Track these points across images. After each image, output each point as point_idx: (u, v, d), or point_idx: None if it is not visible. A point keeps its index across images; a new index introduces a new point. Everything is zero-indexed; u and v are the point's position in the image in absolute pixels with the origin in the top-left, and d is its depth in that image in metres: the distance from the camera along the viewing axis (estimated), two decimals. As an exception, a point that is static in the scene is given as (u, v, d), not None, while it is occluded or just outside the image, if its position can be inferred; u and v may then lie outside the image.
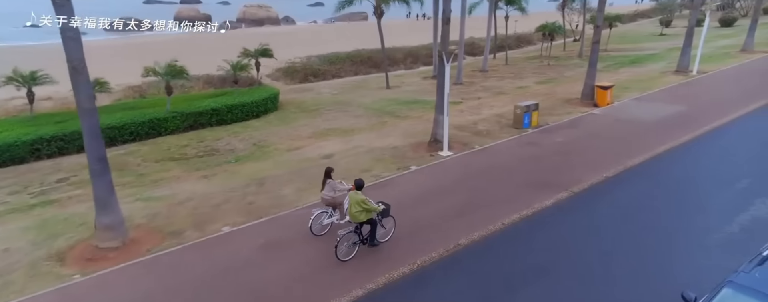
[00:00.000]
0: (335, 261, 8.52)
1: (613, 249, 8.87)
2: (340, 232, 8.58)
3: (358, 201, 8.43)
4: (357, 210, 8.43)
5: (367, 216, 8.54)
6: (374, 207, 8.55)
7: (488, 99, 22.15)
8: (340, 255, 8.54)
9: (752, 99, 18.59)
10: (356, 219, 8.52)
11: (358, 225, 8.64)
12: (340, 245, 8.53)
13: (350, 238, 8.62)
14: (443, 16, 14.43)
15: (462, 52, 27.68)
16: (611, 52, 37.18)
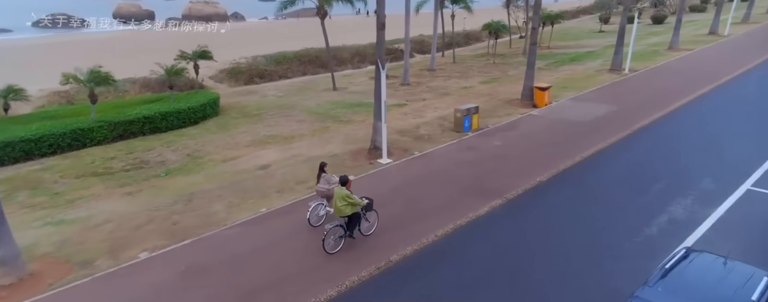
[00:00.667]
0: (255, 289, 8.14)
1: (537, 260, 9.00)
2: (326, 226, 8.99)
3: (342, 196, 8.86)
4: (342, 205, 8.88)
5: (352, 210, 8.98)
6: (358, 201, 9.01)
7: (433, 100, 22.22)
8: (328, 249, 8.98)
9: (675, 97, 19.64)
10: (342, 213, 8.94)
11: (346, 219, 9.04)
12: (327, 238, 8.95)
13: (336, 232, 9.05)
14: (378, 21, 14.17)
15: (408, 52, 27.67)
16: (554, 49, 38.43)
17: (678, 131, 16.00)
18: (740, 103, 19.10)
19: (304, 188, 12.38)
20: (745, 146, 14.23)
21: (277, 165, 14.27)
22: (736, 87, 21.57)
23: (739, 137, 15.10)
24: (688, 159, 13.47)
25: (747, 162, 12.90)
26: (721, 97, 20.05)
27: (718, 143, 14.68)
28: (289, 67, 34.95)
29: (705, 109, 18.42)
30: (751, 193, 11.15)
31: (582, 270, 8.56)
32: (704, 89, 20.77)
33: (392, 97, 23.47)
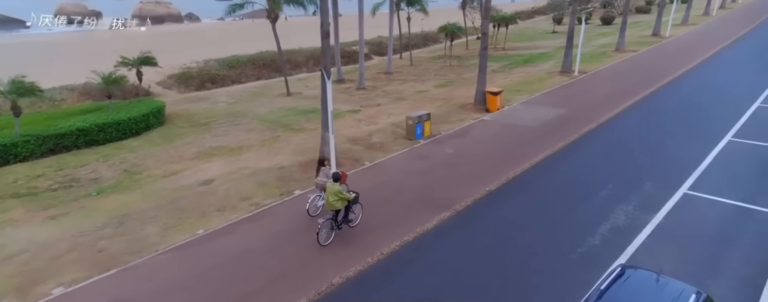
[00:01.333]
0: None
1: (481, 278, 8.85)
2: (319, 220, 9.77)
3: (334, 192, 9.62)
4: (334, 200, 9.66)
5: (342, 204, 9.82)
6: (348, 196, 9.81)
7: (388, 105, 21.96)
8: (321, 241, 9.71)
9: (620, 99, 20.23)
10: (333, 207, 9.74)
11: (335, 213, 9.86)
12: (321, 231, 9.69)
13: (328, 225, 9.84)
14: (322, 29, 13.72)
15: (362, 56, 27.29)
16: (509, 51, 39.09)
17: (622, 134, 16.41)
18: (679, 104, 19.86)
19: (247, 205, 11.79)
20: (682, 148, 14.73)
21: (220, 180, 13.57)
22: (675, 88, 22.47)
23: (677, 139, 15.62)
24: (630, 163, 13.78)
25: (684, 165, 13.32)
26: (662, 98, 20.81)
27: (658, 146, 15.13)
28: (243, 71, 33.88)
29: (647, 111, 19.04)
30: (688, 197, 11.48)
31: (526, 287, 8.47)
32: (647, 90, 21.52)
33: (347, 103, 23.09)
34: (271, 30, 25.17)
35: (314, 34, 34.61)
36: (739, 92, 20.92)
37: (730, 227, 10.12)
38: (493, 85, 25.04)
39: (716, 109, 18.66)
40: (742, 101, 19.42)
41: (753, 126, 16.49)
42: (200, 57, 36.54)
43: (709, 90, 21.79)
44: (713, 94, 20.95)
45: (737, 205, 11.00)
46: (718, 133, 15.85)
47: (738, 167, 13.11)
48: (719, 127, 16.46)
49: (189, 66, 33.32)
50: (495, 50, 39.96)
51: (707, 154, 14.07)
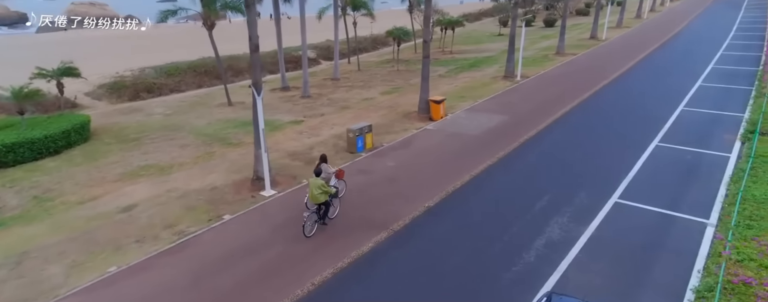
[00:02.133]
0: None
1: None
2: (304, 214, 10.51)
3: (318, 185, 10.34)
4: (318, 193, 10.33)
5: (324, 198, 10.47)
6: (330, 189, 10.64)
7: (332, 115, 21.41)
8: (306, 233, 10.48)
9: (559, 105, 20.74)
10: (317, 200, 10.43)
11: (318, 206, 10.61)
12: (306, 224, 10.46)
13: (312, 218, 10.63)
14: (250, 42, 13.02)
15: (306, 63, 26.52)
16: (456, 54, 39.51)
17: (559, 141, 16.74)
18: (612, 108, 20.61)
19: (170, 234, 10.93)
20: (614, 154, 15.19)
21: (145, 205, 12.56)
22: (609, 92, 23.35)
23: (610, 144, 16.13)
24: (566, 172, 14.02)
25: (615, 172, 13.70)
26: (598, 102, 21.53)
27: (593, 152, 15.54)
28: (183, 79, 32.20)
29: (583, 116, 19.60)
30: (618, 207, 11.75)
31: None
32: (585, 95, 22.20)
33: (290, 113, 22.35)
34: (218, 33, 24.01)
35: (263, 37, 33.55)
36: (666, 95, 21.99)
37: (654, 236, 10.40)
38: (439, 90, 25.11)
39: (646, 113, 19.47)
40: (668, 104, 20.40)
41: (677, 130, 17.29)
42: (137, 63, 34.44)
43: (640, 93, 22.79)
44: (643, 98, 21.91)
45: (662, 213, 11.35)
46: (646, 138, 16.48)
47: (663, 173, 13.62)
48: (648, 131, 17.14)
49: (123, 74, 31.28)
50: (442, 54, 40.31)
51: (636, 160, 14.55)
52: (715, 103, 20.37)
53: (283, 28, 29.28)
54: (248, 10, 12.75)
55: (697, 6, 64.90)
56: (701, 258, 9.33)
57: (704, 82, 23.94)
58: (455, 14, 73.35)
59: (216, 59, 25.17)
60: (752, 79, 23.49)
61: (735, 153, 14.81)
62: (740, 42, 35.02)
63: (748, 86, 22.52)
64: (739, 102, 20.24)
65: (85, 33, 70.16)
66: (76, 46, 53.59)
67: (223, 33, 24.22)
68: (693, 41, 36.75)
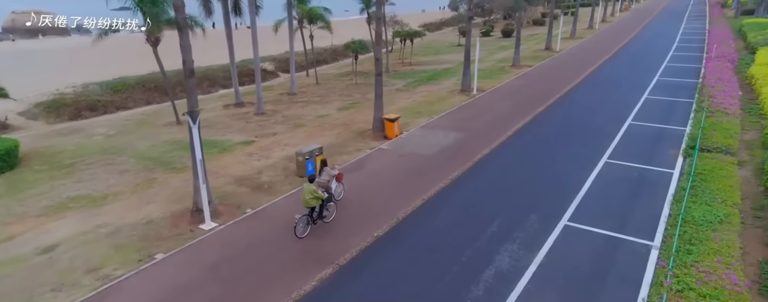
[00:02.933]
0: None
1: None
2: (296, 216, 11.24)
3: (310, 191, 11.06)
4: (310, 197, 11.08)
5: (317, 202, 11.28)
6: (321, 195, 11.33)
7: (285, 134, 20.74)
8: (298, 233, 11.23)
9: (513, 120, 20.88)
10: (308, 204, 11.17)
11: (311, 210, 11.32)
12: (298, 225, 11.17)
13: (303, 220, 11.35)
14: (185, 66, 12.30)
15: (259, 78, 25.67)
16: (415, 66, 39.59)
17: (512, 159, 16.74)
18: (564, 123, 20.91)
19: (93, 280, 10.01)
20: (565, 172, 15.28)
21: (68, 245, 11.54)
22: (562, 106, 23.77)
23: (561, 162, 16.24)
24: (518, 193, 13.94)
25: (566, 192, 13.73)
26: (551, 117, 21.82)
27: (544, 171, 15.58)
28: (130, 95, 30.69)
29: (536, 132, 19.76)
30: (568, 230, 11.70)
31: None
32: (538, 109, 22.47)
33: (241, 132, 21.52)
34: (169, 45, 22.86)
35: (210, 51, 32.38)
36: (615, 108, 22.56)
37: (602, 261, 10.35)
38: (396, 106, 24.88)
39: (596, 127, 19.86)
40: (617, 118, 20.89)
41: (625, 145, 17.65)
42: (82, 78, 32.64)
43: (591, 107, 23.29)
44: (594, 112, 22.38)
45: (609, 235, 11.37)
46: (596, 153, 16.72)
47: (611, 192, 13.75)
48: (598, 146, 17.41)
49: (63, 91, 29.47)
50: (402, 65, 40.31)
51: (587, 178, 14.67)
52: (660, 116, 21.03)
53: (241, 38, 28.24)
54: (181, 33, 12.02)
55: (645, 16, 68.08)
56: (646, 286, 9.31)
57: (650, 95, 24.76)
58: (416, 24, 74.19)
59: (162, 75, 23.98)
60: (693, 92, 24.48)
61: (678, 169, 15.19)
62: (683, 53, 36.71)
63: (689, 98, 23.43)
64: (681, 115, 20.98)
65: (27, 45, 66.32)
66: (17, 59, 50.44)
67: (177, 43, 23.11)
68: (640, 52, 38.24)
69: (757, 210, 12.30)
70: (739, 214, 11.42)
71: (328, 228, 11.89)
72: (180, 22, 11.84)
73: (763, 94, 21.59)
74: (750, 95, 23.55)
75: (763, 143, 16.49)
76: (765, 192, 13.16)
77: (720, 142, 15.70)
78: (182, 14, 11.95)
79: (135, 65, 35.38)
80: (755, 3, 58.23)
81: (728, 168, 13.70)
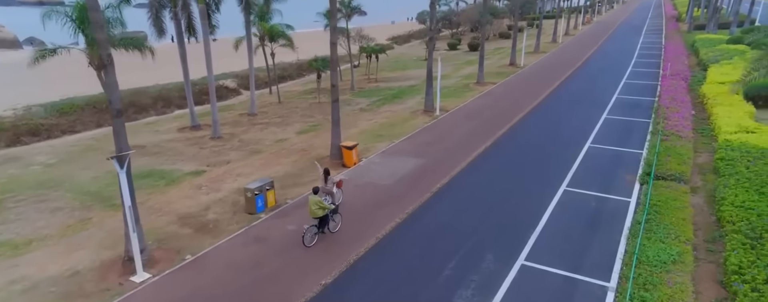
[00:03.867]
0: None
1: None
2: (304, 226, 12.03)
3: (315, 202, 11.79)
4: (316, 208, 11.80)
5: (322, 213, 11.90)
6: (327, 206, 12.00)
7: (239, 163, 19.79)
8: (306, 243, 11.98)
9: (474, 145, 20.60)
10: (315, 215, 11.88)
11: (318, 220, 12.00)
12: (306, 235, 11.91)
13: (311, 230, 12.06)
14: (112, 107, 11.38)
15: (214, 101, 24.55)
16: (381, 83, 39.20)
17: (471, 189, 16.34)
18: (524, 147, 20.75)
19: (-1, 352, 8.89)
20: (523, 204, 14.99)
21: (-22, 307, 10.33)
22: (523, 127, 23.70)
23: (520, 192, 15.95)
24: (475, 229, 13.48)
25: (524, 227, 13.39)
26: (512, 140, 21.65)
27: (503, 202, 15.25)
28: (79, 117, 28.99)
29: (496, 157, 19.50)
30: (525, 270, 11.31)
31: None
32: (499, 132, 22.29)
33: (193, 160, 20.45)
34: (126, 60, 21.59)
35: (165, 68, 30.95)
36: (575, 129, 22.64)
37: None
38: (358, 128, 24.30)
39: (556, 150, 19.79)
40: (577, 140, 20.92)
41: (584, 170, 17.58)
42: (26, 99, 30.70)
43: (551, 128, 23.30)
44: (555, 133, 22.38)
45: (566, 276, 11.03)
46: (555, 181, 16.55)
47: (568, 225, 13.49)
48: (557, 172, 17.27)
49: (1, 114, 27.56)
50: (368, 82, 39.86)
51: (544, 211, 14.39)
52: (619, 138, 21.19)
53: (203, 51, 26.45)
54: (105, 71, 11.11)
55: (606, 29, 70.16)
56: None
57: (609, 114, 25.05)
58: (384, 37, 74.33)
59: (112, 99, 22.56)
60: (650, 111, 24.91)
61: (634, 197, 15.13)
62: (641, 69, 37.67)
63: (646, 118, 23.79)
64: (639, 136, 21.21)
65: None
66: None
67: (129, 60, 21.72)
68: (600, 68, 39.00)
69: (710, 243, 12.24)
70: (692, 251, 11.30)
71: (271, 277, 11.09)
72: (104, 59, 10.93)
73: (714, 114, 22.12)
74: (702, 114, 24.14)
75: (714, 168, 16.69)
76: (717, 222, 13.17)
77: (674, 168, 15.77)
78: (106, 50, 11.09)
79: (89, 82, 33.56)
80: (706, 18, 60.89)
81: (681, 199, 13.68)
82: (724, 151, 16.95)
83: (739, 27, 54.33)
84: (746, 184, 14.17)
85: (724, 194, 13.72)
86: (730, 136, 18.53)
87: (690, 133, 19.57)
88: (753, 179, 14.48)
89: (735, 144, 17.55)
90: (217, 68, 43.91)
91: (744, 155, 16.47)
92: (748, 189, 13.80)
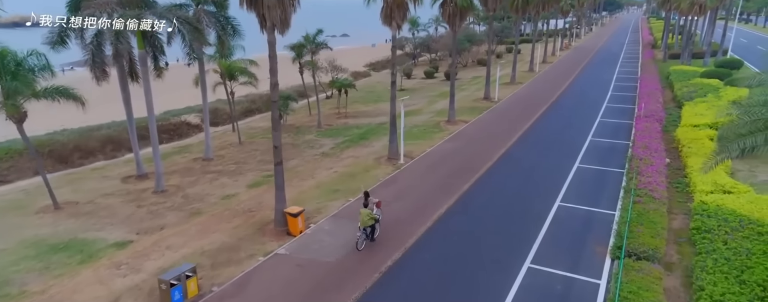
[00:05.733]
0: None
1: None
2: (357, 234, 15.33)
3: (366, 214, 15.19)
4: (367, 219, 15.15)
5: (372, 222, 15.29)
6: (376, 216, 15.48)
7: (173, 229, 17.79)
8: (359, 247, 15.13)
9: (437, 203, 18.99)
10: (366, 224, 15.19)
11: (366, 229, 15.30)
12: (359, 241, 15.15)
13: (362, 237, 15.29)
14: None
15: (156, 145, 21.98)
16: (350, 118, 37.69)
17: (425, 268, 14.62)
18: (490, 207, 19.21)
19: None
20: (481, 290, 13.33)
21: None
22: (491, 180, 22.19)
23: (478, 274, 14.30)
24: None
25: None
26: (476, 197, 20.08)
27: (458, 287, 13.57)
28: (15, 164, 26.75)
29: (457, 221, 17.75)
30: None
31: None
32: (464, 187, 20.69)
33: (124, 224, 18.40)
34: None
35: (114, 104, 28.59)
36: (545, 183, 21.25)
37: None
38: (315, 179, 22.55)
39: (522, 213, 18.26)
40: (546, 197, 19.49)
41: (551, 239, 16.08)
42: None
43: (520, 182, 21.80)
44: (522, 189, 20.87)
45: None
46: (519, 255, 14.99)
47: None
48: (522, 244, 15.72)
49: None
50: (337, 117, 38.31)
51: (504, 298, 12.75)
52: (590, 194, 19.83)
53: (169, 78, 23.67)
54: None
55: (584, 56, 70.14)
56: None
57: (582, 163, 23.77)
58: (363, 61, 73.11)
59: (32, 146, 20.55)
60: (624, 158, 23.72)
61: (604, 279, 13.61)
62: (616, 105, 36.88)
63: (620, 168, 22.56)
64: (612, 191, 19.90)
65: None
66: None
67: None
68: (575, 104, 37.97)
69: (688, 350, 10.69)
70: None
71: None
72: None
73: (689, 166, 20.97)
74: (677, 162, 23.03)
75: (690, 239, 15.32)
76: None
77: (647, 242, 14.30)
78: None
79: (39, 121, 31.20)
80: (681, 46, 61.22)
81: (654, 288, 12.16)
82: (700, 219, 15.61)
83: (712, 56, 54.65)
84: (725, 267, 12.76)
85: (701, 282, 12.26)
86: (706, 196, 17.27)
87: (664, 193, 18.26)
88: (732, 260, 13.09)
89: (711, 208, 16.25)
90: (182, 101, 42.18)
91: (721, 224, 15.14)
92: (727, 276, 12.38)
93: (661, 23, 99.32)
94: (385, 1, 22.85)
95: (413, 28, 69.82)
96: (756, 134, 11.81)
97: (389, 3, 22.66)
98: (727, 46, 57.28)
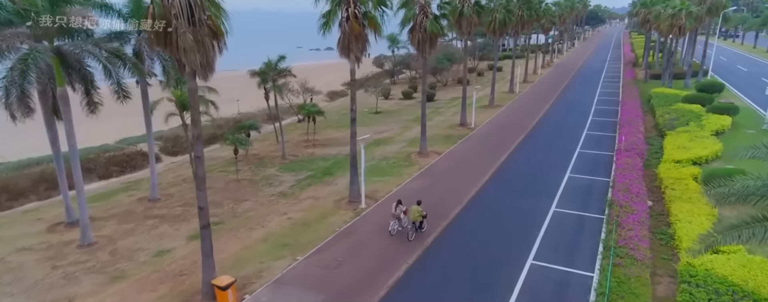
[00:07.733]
0: None
1: None
2: (408, 226, 18.64)
3: (417, 211, 18.15)
4: (417, 215, 18.11)
5: (420, 218, 18.25)
6: (423, 213, 18.31)
7: (91, 298, 15.30)
8: (409, 238, 18.15)
9: (397, 261, 16.86)
10: (416, 219, 18.17)
11: (414, 223, 18.31)
12: (409, 233, 18.31)
13: (412, 228, 18.39)
14: None
15: (81, 187, 19.54)
16: (318, 147, 35.49)
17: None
18: (453, 266, 17.14)
19: None
20: None
21: None
22: (458, 230, 20.12)
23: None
24: None
25: None
26: (440, 254, 17.91)
27: None
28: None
29: (417, 288, 15.70)
30: None
31: None
32: (427, 240, 18.57)
33: (31, 293, 15.82)
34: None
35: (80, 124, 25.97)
36: (516, 234, 19.28)
37: None
38: (265, 229, 20.26)
39: (488, 274, 16.21)
40: (517, 253, 17.49)
41: None
42: None
43: (490, 231, 19.79)
44: (492, 241, 18.83)
45: None
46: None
47: None
48: None
49: None
50: (305, 145, 36.08)
51: None
52: (567, 248, 17.89)
53: (129, 101, 20.66)
54: None
55: (565, 74, 69.08)
56: None
57: (559, 206, 21.87)
58: (341, 80, 71.18)
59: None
60: (603, 201, 21.91)
61: (579, 375, 11.53)
62: (597, 133, 35.36)
63: (599, 214, 20.71)
64: (590, 247, 17.95)
65: None
66: None
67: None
68: (555, 133, 36.09)
69: None
70: None
71: None
72: None
73: (673, 214, 19.20)
74: (660, 205, 21.31)
75: (677, 313, 13.40)
76: None
77: (628, 324, 12.33)
78: None
79: None
80: (662, 66, 60.53)
81: None
82: (687, 290, 13.69)
83: (693, 76, 53.91)
84: (718, 363, 10.80)
85: None
86: (693, 259, 15.41)
87: (647, 252, 16.36)
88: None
89: (699, 273, 14.37)
90: (142, 127, 39.54)
91: (712, 297, 13.28)
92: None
93: (642, 39, 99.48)
94: (342, 32, 20.91)
95: (393, 45, 68.31)
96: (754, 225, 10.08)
97: (346, 33, 20.71)
98: (707, 65, 56.68)
